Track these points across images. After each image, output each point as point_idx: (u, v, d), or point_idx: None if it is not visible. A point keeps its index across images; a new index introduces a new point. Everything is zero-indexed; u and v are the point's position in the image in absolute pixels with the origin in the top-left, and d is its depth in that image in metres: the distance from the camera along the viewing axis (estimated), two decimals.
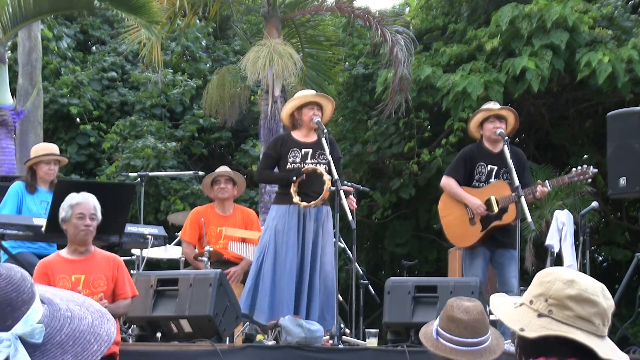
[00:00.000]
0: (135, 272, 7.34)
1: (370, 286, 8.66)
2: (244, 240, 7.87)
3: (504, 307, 2.27)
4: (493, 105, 7.57)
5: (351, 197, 7.10)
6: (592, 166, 7.51)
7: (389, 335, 6.68)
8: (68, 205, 5.53)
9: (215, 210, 8.13)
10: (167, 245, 8.67)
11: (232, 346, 6.54)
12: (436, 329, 3.69)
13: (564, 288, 2.16)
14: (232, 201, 8.19)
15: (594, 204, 8.63)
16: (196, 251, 7.96)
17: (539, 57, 12.66)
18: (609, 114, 8.20)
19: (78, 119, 17.09)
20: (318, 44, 14.37)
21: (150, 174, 11.07)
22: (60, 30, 17.70)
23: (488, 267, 7.36)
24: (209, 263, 7.56)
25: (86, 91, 16.90)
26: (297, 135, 7.26)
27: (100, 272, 5.55)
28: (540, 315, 2.17)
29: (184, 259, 8.16)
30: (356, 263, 7.65)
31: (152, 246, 7.58)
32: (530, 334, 2.15)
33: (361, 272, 8.60)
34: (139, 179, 9.06)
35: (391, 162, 15.10)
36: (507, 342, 4.49)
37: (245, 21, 17.93)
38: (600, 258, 16.72)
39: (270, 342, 6.68)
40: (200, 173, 9.17)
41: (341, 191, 6.84)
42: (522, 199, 7.09)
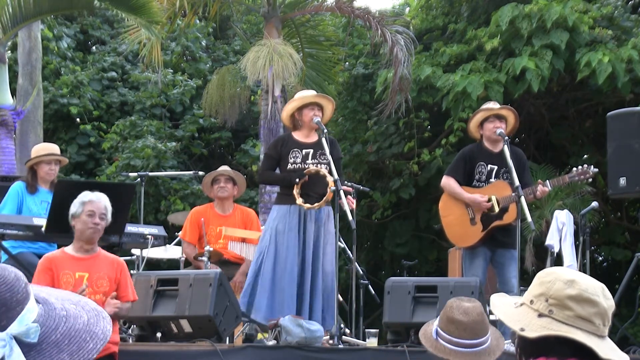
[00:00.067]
0: (135, 272, 7.34)
1: (370, 286, 8.65)
2: (244, 240, 7.87)
3: (505, 307, 2.27)
4: (493, 105, 7.57)
5: (349, 197, 7.10)
6: (592, 166, 7.51)
7: (389, 335, 6.68)
8: (80, 202, 5.57)
9: (215, 210, 8.12)
10: (167, 245, 8.67)
11: (232, 346, 6.54)
12: (436, 330, 3.69)
13: (564, 288, 2.16)
14: (232, 201, 8.19)
15: (594, 204, 8.63)
16: (196, 251, 7.96)
17: (539, 57, 12.66)
18: (609, 114, 8.20)
19: (78, 119, 17.09)
20: (318, 44, 14.37)
21: (150, 174, 11.07)
22: (60, 30, 17.70)
23: (488, 267, 7.35)
24: (209, 263, 7.56)
25: (86, 91, 16.91)
26: (298, 136, 7.26)
27: (103, 272, 5.58)
28: (540, 315, 2.17)
29: (184, 259, 8.15)
30: (356, 263, 7.64)
31: (152, 246, 7.57)
32: (531, 333, 2.15)
33: (361, 272, 8.59)
34: (139, 179, 9.05)
35: (391, 162, 15.10)
36: (507, 342, 4.49)
37: (245, 21, 17.93)
38: (600, 258, 16.72)
39: (270, 342, 6.67)
40: (200, 173, 9.16)
41: (341, 191, 6.83)
42: (522, 198, 7.08)
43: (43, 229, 6.80)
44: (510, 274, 7.19)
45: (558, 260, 8.45)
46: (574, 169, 7.53)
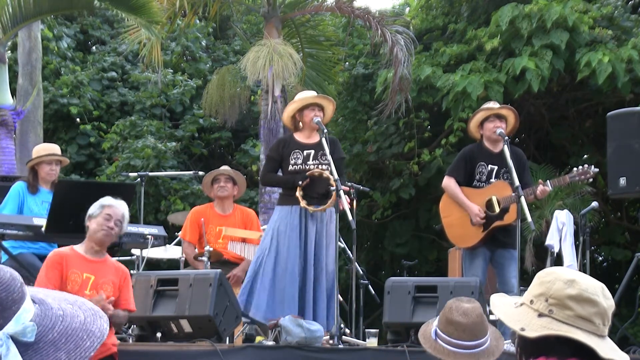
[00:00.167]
0: (135, 272, 7.34)
1: (370, 286, 8.65)
2: (244, 240, 7.86)
3: (505, 307, 2.27)
4: (493, 104, 7.56)
5: (347, 196, 7.08)
6: (592, 166, 7.51)
7: (389, 335, 6.68)
8: (100, 204, 5.64)
9: (215, 210, 8.12)
10: (167, 245, 8.67)
11: (232, 346, 6.54)
12: (435, 330, 3.68)
13: (564, 288, 2.16)
14: (231, 201, 8.18)
15: (594, 204, 8.63)
16: (196, 251, 7.96)
17: (539, 57, 12.66)
18: (609, 114, 8.19)
19: (78, 119, 17.09)
20: (318, 44, 14.37)
21: (150, 174, 11.07)
22: (60, 30, 17.70)
23: (488, 267, 7.35)
24: (209, 263, 7.55)
25: (86, 91, 16.91)
26: (299, 137, 7.26)
27: (109, 277, 5.62)
28: (540, 315, 2.17)
29: (184, 259, 8.15)
30: (356, 263, 7.64)
31: (152, 246, 7.57)
32: (531, 333, 2.15)
33: (361, 272, 8.59)
34: (139, 179, 9.06)
35: (391, 162, 15.10)
36: (507, 342, 4.48)
37: (245, 21, 17.93)
38: (600, 258, 16.72)
39: (270, 342, 6.67)
40: (200, 173, 9.16)
41: (341, 191, 6.83)
42: (522, 199, 7.08)
43: (43, 229, 6.80)
44: (510, 274, 7.19)
45: (558, 260, 8.44)
46: (575, 169, 7.52)
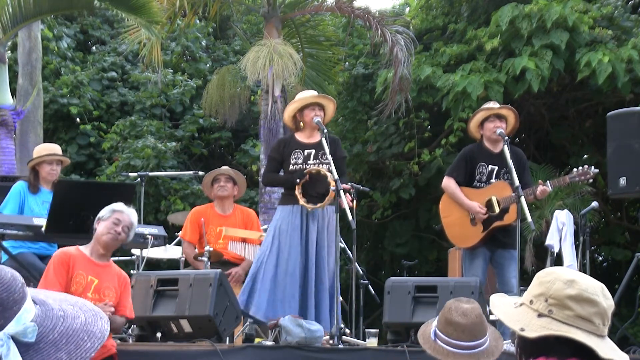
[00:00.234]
0: (135, 272, 7.34)
1: (370, 286, 8.65)
2: (244, 241, 7.86)
3: (504, 307, 2.27)
4: (493, 104, 7.56)
5: (347, 194, 7.08)
6: (592, 166, 7.51)
7: (389, 335, 6.68)
8: (111, 208, 5.67)
9: (215, 210, 8.12)
10: (167, 245, 8.66)
11: (232, 346, 6.54)
12: (434, 331, 3.68)
13: (564, 288, 2.16)
14: (232, 201, 8.18)
15: (594, 204, 8.62)
16: (196, 251, 7.95)
17: (539, 57, 12.66)
18: (609, 114, 8.19)
19: (78, 119, 17.09)
20: (318, 44, 14.37)
21: (150, 174, 11.07)
22: (60, 30, 17.70)
23: (488, 267, 7.35)
24: (209, 263, 7.55)
25: (86, 91, 16.91)
26: (300, 137, 7.27)
27: (111, 282, 5.63)
28: (540, 315, 2.17)
29: (184, 259, 8.15)
30: (356, 263, 7.64)
31: (152, 246, 7.57)
32: (531, 333, 2.15)
33: (361, 272, 8.59)
34: (139, 179, 9.05)
35: (391, 162, 15.10)
36: (507, 342, 4.49)
37: (245, 21, 17.93)
38: (600, 258, 16.72)
39: (269, 342, 6.67)
40: (200, 173, 9.16)
41: (341, 191, 6.83)
42: (522, 199, 7.08)
43: (43, 229, 6.80)
44: (510, 274, 7.19)
45: (558, 260, 8.44)
46: (575, 169, 7.53)
